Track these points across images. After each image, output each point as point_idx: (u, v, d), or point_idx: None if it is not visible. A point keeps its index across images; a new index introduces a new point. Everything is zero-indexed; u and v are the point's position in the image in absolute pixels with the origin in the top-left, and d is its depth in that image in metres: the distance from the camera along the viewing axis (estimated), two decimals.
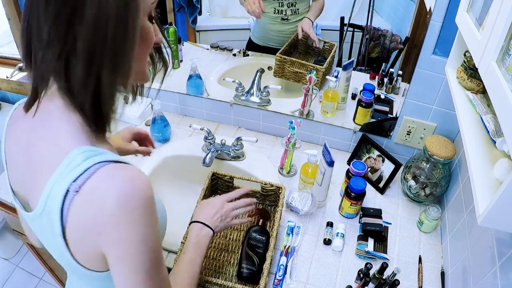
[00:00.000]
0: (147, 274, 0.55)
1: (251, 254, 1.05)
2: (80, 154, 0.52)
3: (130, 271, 0.54)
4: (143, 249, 0.53)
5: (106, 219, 0.50)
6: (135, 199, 0.50)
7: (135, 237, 0.52)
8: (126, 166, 0.53)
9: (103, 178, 0.50)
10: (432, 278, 1.09)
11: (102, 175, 0.51)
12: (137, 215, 0.51)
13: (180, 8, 1.60)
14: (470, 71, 0.89)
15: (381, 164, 1.34)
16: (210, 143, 1.40)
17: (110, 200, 0.49)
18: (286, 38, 1.56)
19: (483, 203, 0.61)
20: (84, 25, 0.47)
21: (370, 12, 1.34)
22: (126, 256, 0.53)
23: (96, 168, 0.51)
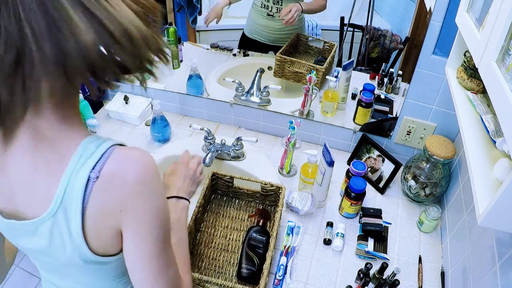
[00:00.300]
0: (162, 245, 0.60)
1: (251, 255, 1.05)
2: (91, 144, 0.55)
3: (146, 242, 0.58)
4: (160, 218, 0.58)
5: (127, 196, 0.54)
6: (150, 173, 0.55)
7: (153, 207, 0.57)
8: (132, 147, 0.58)
9: (120, 159, 0.54)
10: (432, 278, 1.09)
11: (118, 157, 0.54)
12: (154, 187, 0.56)
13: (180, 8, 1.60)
14: (470, 71, 0.89)
15: (381, 164, 1.34)
16: (210, 143, 1.40)
17: (130, 177, 0.54)
18: (272, 34, 1.58)
19: (483, 203, 0.61)
20: None
21: (370, 12, 1.34)
22: (145, 227, 0.57)
23: (110, 153, 0.54)
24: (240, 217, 1.25)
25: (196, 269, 1.09)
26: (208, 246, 1.16)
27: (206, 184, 1.19)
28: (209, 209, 1.27)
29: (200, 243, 1.16)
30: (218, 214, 1.25)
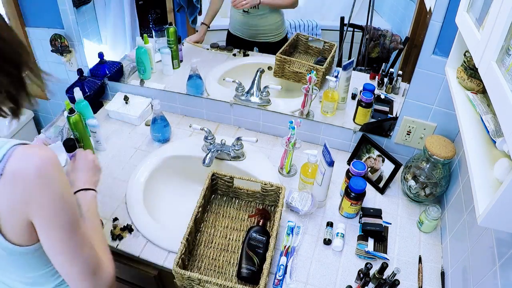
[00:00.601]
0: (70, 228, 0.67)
1: (251, 255, 1.05)
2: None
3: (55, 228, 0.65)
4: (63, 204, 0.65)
5: (30, 189, 0.62)
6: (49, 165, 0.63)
7: (55, 195, 0.64)
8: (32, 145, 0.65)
9: (20, 157, 0.62)
10: (432, 278, 1.09)
11: (18, 155, 0.62)
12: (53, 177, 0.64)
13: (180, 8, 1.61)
14: (470, 71, 0.89)
15: (381, 164, 1.34)
16: (210, 143, 1.40)
17: (31, 172, 0.61)
18: (249, 31, 1.62)
19: (483, 203, 0.61)
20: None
21: (370, 12, 1.34)
22: (50, 214, 0.65)
23: (11, 152, 0.62)
24: (240, 217, 1.25)
25: (196, 269, 1.09)
26: (208, 246, 1.16)
27: (206, 184, 1.19)
28: (209, 209, 1.27)
29: (200, 243, 1.16)
30: (218, 214, 1.25)
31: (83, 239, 0.70)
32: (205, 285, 0.97)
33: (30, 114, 1.95)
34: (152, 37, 1.64)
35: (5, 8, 1.58)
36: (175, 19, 1.62)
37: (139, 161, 1.40)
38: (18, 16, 1.58)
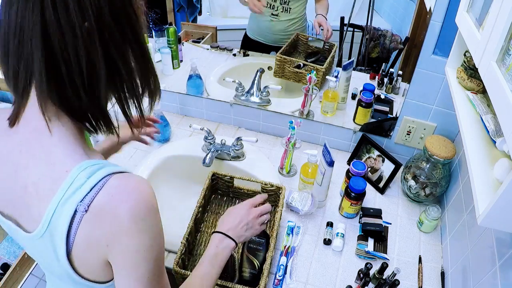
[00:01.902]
0: (149, 282, 0.57)
1: (252, 258, 1.05)
2: (83, 172, 0.52)
3: (132, 278, 0.56)
4: (148, 257, 0.55)
5: (116, 231, 0.51)
6: (144, 209, 0.52)
7: (142, 246, 0.53)
8: (129, 175, 0.54)
9: (112, 192, 0.51)
10: (432, 278, 1.09)
11: (110, 189, 0.51)
12: (145, 224, 0.52)
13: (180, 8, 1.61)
14: (470, 71, 0.89)
15: (381, 164, 1.34)
16: (210, 143, 1.40)
17: (121, 212, 0.50)
18: (275, 35, 1.58)
19: (483, 203, 0.61)
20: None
21: (370, 12, 1.34)
22: (132, 264, 0.54)
23: (102, 184, 0.51)
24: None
25: None
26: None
27: (206, 184, 1.19)
28: (209, 209, 1.27)
29: (200, 243, 1.16)
30: (218, 214, 1.25)
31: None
32: None
33: None
34: (152, 37, 1.64)
35: None
36: (175, 19, 1.62)
37: (139, 161, 1.40)
38: None
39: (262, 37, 1.61)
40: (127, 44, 0.53)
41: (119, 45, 0.52)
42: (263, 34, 1.60)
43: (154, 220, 0.53)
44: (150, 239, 0.54)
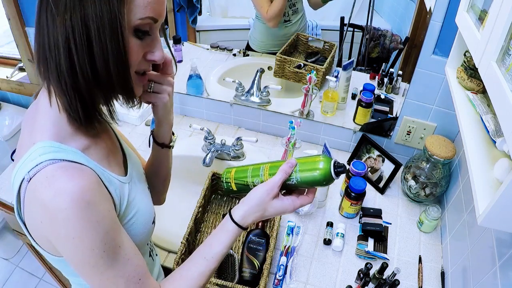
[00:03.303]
0: (93, 268, 0.57)
1: (252, 258, 1.05)
2: (40, 148, 0.56)
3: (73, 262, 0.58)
4: (79, 246, 0.55)
5: (44, 213, 0.54)
6: (64, 201, 0.53)
7: (69, 234, 0.54)
8: (71, 167, 0.56)
9: (46, 175, 0.54)
10: (432, 278, 1.09)
11: (47, 172, 0.54)
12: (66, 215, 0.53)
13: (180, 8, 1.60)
14: (470, 71, 0.89)
15: (381, 164, 1.34)
16: (210, 143, 1.40)
17: (46, 196, 0.53)
18: (287, 41, 1.56)
19: (483, 203, 0.61)
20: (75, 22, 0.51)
21: (370, 12, 1.34)
22: (65, 249, 0.57)
23: (45, 165, 0.54)
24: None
25: None
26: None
27: (206, 184, 1.19)
28: (209, 209, 1.27)
29: (200, 243, 1.16)
30: (218, 214, 1.25)
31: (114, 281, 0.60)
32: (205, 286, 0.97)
33: None
34: None
35: (5, 8, 1.58)
36: (175, 19, 1.62)
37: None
38: (18, 16, 1.58)
39: (273, 47, 1.57)
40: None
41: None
42: (275, 43, 1.56)
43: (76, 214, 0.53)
44: (75, 229, 0.54)
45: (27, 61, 1.72)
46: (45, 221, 0.55)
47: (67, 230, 0.54)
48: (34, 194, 0.54)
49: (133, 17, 0.53)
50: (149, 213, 0.74)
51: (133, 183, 0.71)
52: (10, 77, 1.86)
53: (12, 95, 1.96)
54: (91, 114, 0.59)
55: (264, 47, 1.61)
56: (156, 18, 0.56)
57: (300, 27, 1.55)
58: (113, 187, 0.63)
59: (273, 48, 1.57)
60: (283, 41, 1.54)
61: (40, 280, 2.19)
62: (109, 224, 0.58)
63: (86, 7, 0.50)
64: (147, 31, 0.57)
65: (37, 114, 0.60)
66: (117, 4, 0.51)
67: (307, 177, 0.66)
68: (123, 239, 0.61)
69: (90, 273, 0.58)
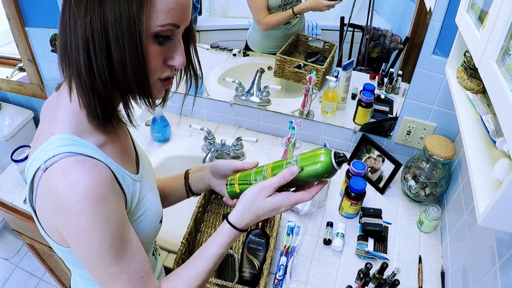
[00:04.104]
0: (99, 262, 0.58)
1: (251, 258, 1.05)
2: (58, 140, 0.57)
3: (80, 254, 0.59)
4: (88, 239, 0.56)
5: (57, 204, 0.55)
6: (78, 194, 0.53)
7: (78, 227, 0.55)
8: (87, 161, 0.56)
9: (63, 166, 0.55)
10: (432, 278, 1.09)
11: (63, 164, 0.55)
12: (78, 208, 0.54)
13: None
14: (470, 71, 0.89)
15: (381, 164, 1.34)
16: (210, 143, 1.40)
17: (60, 188, 0.54)
18: (287, 41, 1.56)
19: (483, 203, 0.61)
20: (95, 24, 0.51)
21: (370, 12, 1.34)
22: (74, 241, 0.58)
23: (62, 157, 0.55)
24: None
25: None
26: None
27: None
28: (209, 209, 1.27)
29: (200, 243, 1.16)
30: (218, 214, 1.25)
31: (118, 276, 0.60)
32: (205, 286, 0.97)
33: (30, 114, 1.95)
34: None
35: (5, 8, 1.58)
36: None
37: None
38: (18, 16, 1.58)
39: (273, 49, 1.56)
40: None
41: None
42: (276, 45, 1.55)
43: (88, 209, 0.54)
44: (86, 222, 0.55)
45: (27, 61, 1.72)
46: (57, 212, 0.56)
47: (78, 222, 0.55)
48: (48, 184, 0.55)
49: (153, 23, 0.53)
50: (157, 212, 0.74)
51: (144, 182, 0.72)
52: (10, 77, 1.86)
53: (12, 95, 1.96)
54: (109, 114, 0.60)
55: (263, 48, 1.61)
56: (178, 24, 0.55)
57: (299, 28, 1.55)
58: (126, 184, 0.64)
59: (272, 49, 1.57)
60: (282, 43, 1.54)
61: (40, 280, 2.19)
62: (119, 220, 0.59)
63: (105, 12, 0.50)
64: (169, 36, 0.56)
65: (58, 106, 0.61)
66: (137, 10, 0.50)
67: (310, 171, 0.66)
68: (131, 236, 0.62)
69: (96, 266, 0.59)
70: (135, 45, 0.52)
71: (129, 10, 0.50)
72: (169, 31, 0.55)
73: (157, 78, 0.60)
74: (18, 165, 1.32)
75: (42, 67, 1.72)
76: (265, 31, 1.52)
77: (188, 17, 0.58)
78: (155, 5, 0.51)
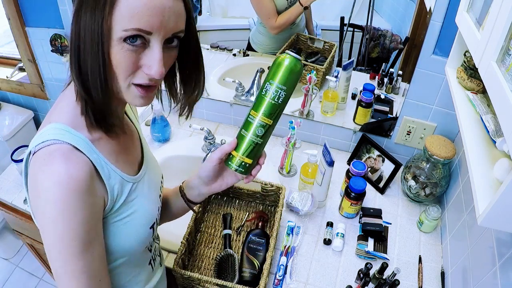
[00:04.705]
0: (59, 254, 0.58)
1: (251, 258, 1.05)
2: (51, 128, 0.59)
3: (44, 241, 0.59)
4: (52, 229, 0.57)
5: (33, 187, 0.57)
6: (50, 182, 0.55)
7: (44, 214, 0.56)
8: (70, 152, 0.58)
9: (46, 153, 0.57)
10: (432, 278, 1.09)
11: (48, 151, 0.57)
12: (48, 196, 0.55)
13: None
14: (470, 71, 0.89)
15: (381, 164, 1.34)
16: (210, 143, 1.40)
17: (38, 173, 0.56)
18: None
19: (483, 203, 0.61)
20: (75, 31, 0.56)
21: (370, 12, 1.34)
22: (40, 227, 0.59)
23: (49, 143, 0.57)
24: (240, 217, 1.25)
25: (196, 269, 1.09)
26: (208, 246, 1.16)
27: None
28: (209, 209, 1.27)
29: (200, 243, 1.16)
30: (218, 214, 1.25)
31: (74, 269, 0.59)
32: (205, 285, 0.97)
33: (30, 114, 1.95)
34: None
35: (5, 8, 1.58)
36: None
37: None
38: (18, 16, 1.58)
39: (278, 50, 1.57)
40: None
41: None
42: (282, 46, 1.55)
43: (61, 197, 0.55)
44: (52, 211, 0.55)
45: (27, 61, 1.72)
46: (32, 195, 0.59)
47: (45, 210, 0.56)
48: (33, 168, 0.58)
49: (118, 27, 0.54)
50: (148, 217, 0.72)
51: (140, 185, 0.71)
52: (10, 77, 1.85)
53: (12, 95, 1.96)
54: (98, 115, 0.61)
55: (269, 50, 1.61)
56: (148, 30, 0.54)
57: (302, 27, 1.55)
58: (111, 182, 0.63)
59: (277, 50, 1.58)
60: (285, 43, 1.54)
61: (40, 280, 2.19)
62: (87, 217, 0.58)
63: (81, 19, 0.54)
64: (140, 42, 0.56)
65: (63, 98, 0.64)
66: (101, 14, 0.53)
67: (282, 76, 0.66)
68: (96, 237, 0.61)
69: (55, 257, 0.59)
70: (96, 48, 0.54)
71: (94, 16, 0.53)
72: (137, 37, 0.55)
73: (130, 83, 0.60)
74: (18, 165, 1.32)
75: (42, 67, 1.72)
76: (276, 34, 1.51)
77: (168, 24, 0.56)
78: (120, 9, 0.53)
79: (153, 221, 0.75)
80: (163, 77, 0.60)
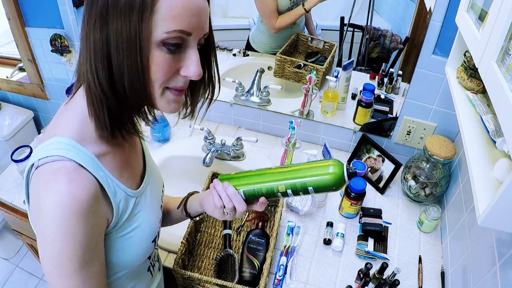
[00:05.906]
0: (54, 269, 0.57)
1: (252, 258, 1.05)
2: (57, 143, 0.57)
3: (40, 255, 0.58)
4: (49, 245, 0.56)
5: (34, 201, 0.56)
6: (52, 201, 0.54)
7: (44, 231, 0.55)
8: (75, 171, 0.56)
9: (50, 169, 0.55)
10: (432, 278, 1.09)
11: (52, 168, 0.55)
12: (49, 214, 0.54)
13: None
14: (470, 71, 0.89)
15: (381, 164, 1.34)
16: (210, 143, 1.40)
17: (41, 189, 0.55)
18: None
19: (483, 203, 0.61)
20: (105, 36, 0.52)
21: (370, 12, 1.34)
22: (38, 241, 0.58)
23: (54, 159, 0.55)
24: (240, 217, 1.24)
25: (196, 269, 1.09)
26: (208, 246, 1.16)
27: (206, 185, 1.19)
28: None
29: (200, 243, 1.16)
30: None
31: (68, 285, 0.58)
32: (205, 285, 0.97)
33: (30, 114, 1.95)
34: None
35: (5, 8, 1.58)
36: None
37: None
38: (18, 16, 1.58)
39: (278, 49, 1.55)
40: None
41: None
42: (280, 45, 1.55)
43: (62, 217, 0.54)
44: (52, 229, 0.54)
45: (27, 61, 1.72)
46: (33, 210, 0.58)
47: (45, 227, 0.55)
48: (35, 183, 0.56)
49: (159, 30, 0.52)
50: (150, 231, 0.72)
51: (142, 198, 0.70)
52: (10, 77, 1.85)
53: (12, 95, 1.96)
54: (118, 125, 0.59)
55: (269, 49, 1.60)
56: (188, 31, 0.54)
57: (302, 27, 1.55)
58: (117, 199, 0.62)
59: (278, 49, 1.57)
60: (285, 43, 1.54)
61: (40, 280, 2.19)
62: (87, 239, 0.57)
63: (109, 24, 0.51)
64: (179, 44, 0.55)
65: (69, 108, 0.61)
66: (138, 19, 0.50)
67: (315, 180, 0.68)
68: (94, 257, 0.60)
69: (50, 272, 0.58)
70: (135, 55, 0.52)
71: (130, 21, 0.50)
72: (178, 38, 0.54)
73: (165, 87, 0.58)
74: (18, 165, 1.32)
75: (42, 67, 1.72)
76: (276, 33, 1.51)
77: (203, 25, 0.56)
78: (159, 11, 0.51)
79: (155, 234, 0.74)
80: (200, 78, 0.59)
